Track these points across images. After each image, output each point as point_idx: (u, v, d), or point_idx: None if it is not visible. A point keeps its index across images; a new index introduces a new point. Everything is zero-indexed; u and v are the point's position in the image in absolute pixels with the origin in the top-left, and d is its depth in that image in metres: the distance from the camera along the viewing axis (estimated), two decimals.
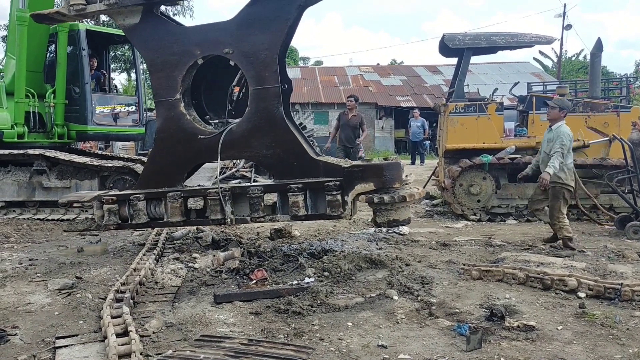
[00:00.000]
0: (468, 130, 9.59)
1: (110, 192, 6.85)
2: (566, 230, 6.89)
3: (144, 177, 6.70)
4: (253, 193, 6.14)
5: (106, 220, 6.54)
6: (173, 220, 6.40)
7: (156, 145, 6.67)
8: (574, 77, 34.06)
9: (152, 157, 6.74)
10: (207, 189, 6.34)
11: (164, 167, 6.51)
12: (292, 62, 47.26)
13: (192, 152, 6.45)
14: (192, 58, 6.31)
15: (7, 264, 6.41)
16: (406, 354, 3.81)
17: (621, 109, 9.82)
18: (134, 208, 6.44)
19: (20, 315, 4.64)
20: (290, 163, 6.22)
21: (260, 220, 6.35)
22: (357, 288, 5.25)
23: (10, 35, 10.69)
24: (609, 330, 4.21)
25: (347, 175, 5.95)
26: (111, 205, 6.49)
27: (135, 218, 6.49)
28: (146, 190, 6.49)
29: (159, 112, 6.58)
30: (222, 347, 3.77)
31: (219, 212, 6.25)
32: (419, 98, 30.83)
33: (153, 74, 6.52)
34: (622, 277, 5.52)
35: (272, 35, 6.16)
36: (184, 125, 6.39)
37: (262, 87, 6.22)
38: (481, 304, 4.82)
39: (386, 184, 5.86)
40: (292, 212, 6.05)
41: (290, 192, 5.99)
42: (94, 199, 6.65)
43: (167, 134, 6.52)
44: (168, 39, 6.38)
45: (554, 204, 6.96)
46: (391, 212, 5.91)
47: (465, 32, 10.37)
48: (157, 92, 6.52)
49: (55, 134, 10.29)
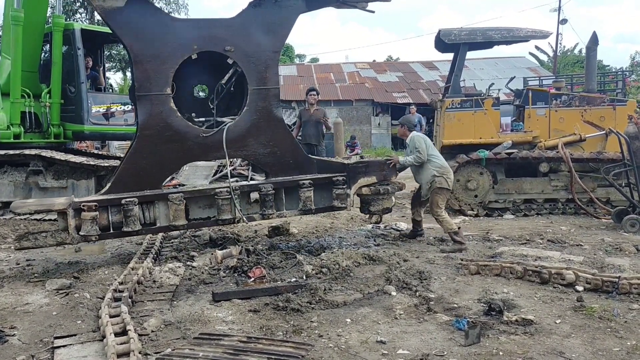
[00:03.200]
0: (465, 126, 9.59)
1: (89, 198, 5.97)
2: (448, 224, 6.93)
3: (119, 180, 5.99)
4: (265, 190, 6.25)
5: (87, 230, 5.63)
6: (177, 223, 6.02)
7: (138, 143, 6.11)
8: (569, 71, 34.06)
9: (132, 157, 6.09)
10: (216, 189, 6.21)
11: (146, 167, 6.06)
12: (288, 59, 47.15)
13: (182, 151, 6.23)
14: (188, 52, 6.16)
15: (4, 264, 6.40)
16: (405, 349, 3.81)
17: (617, 103, 9.83)
18: (128, 214, 5.78)
19: (18, 315, 4.63)
20: (287, 161, 6.57)
21: (270, 217, 6.47)
22: (356, 284, 5.26)
23: (4, 36, 10.64)
24: (607, 323, 4.22)
25: (351, 170, 6.62)
26: (93, 213, 5.64)
27: (127, 225, 5.81)
28: (140, 193, 5.94)
29: (142, 107, 6.09)
30: (221, 345, 3.77)
31: (229, 212, 6.19)
32: (416, 94, 30.80)
33: (138, 64, 6.02)
34: (619, 270, 5.54)
35: (276, 38, 6.55)
36: (174, 122, 6.14)
37: (263, 87, 6.48)
38: (479, 299, 4.83)
39: (386, 177, 6.78)
40: (304, 206, 6.42)
41: (303, 187, 6.36)
42: (68, 207, 5.63)
43: (153, 132, 6.10)
44: (160, 29, 6.08)
45: (432, 202, 7.08)
46: (384, 201, 6.77)
47: (461, 28, 10.35)
48: (142, 85, 6.05)
49: (51, 133, 10.24)
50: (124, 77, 32.86)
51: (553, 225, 8.29)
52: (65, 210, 5.59)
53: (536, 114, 9.75)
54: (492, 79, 21.87)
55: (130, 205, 5.77)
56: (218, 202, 6.13)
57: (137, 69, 6.04)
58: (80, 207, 5.61)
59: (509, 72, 25.11)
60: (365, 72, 35.29)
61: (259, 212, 6.37)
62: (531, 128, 9.73)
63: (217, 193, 6.13)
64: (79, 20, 28.65)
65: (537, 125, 9.73)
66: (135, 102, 6.23)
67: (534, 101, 9.80)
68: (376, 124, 31.12)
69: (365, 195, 6.69)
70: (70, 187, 9.62)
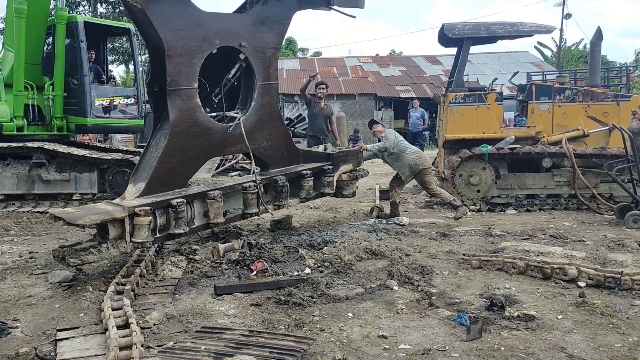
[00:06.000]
0: (468, 121, 9.57)
1: (140, 202, 5.37)
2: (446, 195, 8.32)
3: (154, 179, 5.64)
4: (281, 182, 6.55)
5: (144, 237, 5.19)
6: (216, 221, 5.85)
7: (170, 141, 5.77)
8: (573, 66, 33.89)
9: (164, 156, 5.74)
10: (243, 183, 6.29)
11: (176, 166, 5.85)
12: (291, 53, 47.05)
13: (205, 147, 6.18)
14: (211, 46, 6.10)
15: (7, 257, 6.42)
16: (406, 344, 3.82)
17: (621, 98, 9.79)
18: (179, 215, 5.48)
19: (21, 308, 4.65)
20: (282, 152, 7.04)
21: (281, 207, 6.82)
22: (358, 279, 5.27)
23: (7, 28, 10.63)
24: (609, 319, 4.22)
25: (335, 159, 7.42)
26: (149, 218, 5.23)
27: (178, 226, 5.51)
28: (184, 193, 5.72)
29: (174, 103, 5.82)
30: (223, 339, 3.78)
31: (255, 205, 6.30)
32: (419, 88, 30.70)
33: (171, 58, 5.74)
34: (622, 266, 5.53)
35: (277, 35, 6.85)
36: (200, 118, 6.04)
37: (267, 82, 6.74)
38: (481, 294, 4.83)
39: (360, 164, 7.89)
40: (307, 195, 6.99)
41: (306, 177, 6.92)
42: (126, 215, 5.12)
43: (184, 128, 5.89)
44: (190, 21, 5.88)
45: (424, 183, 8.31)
46: (353, 186, 7.83)
47: (464, 22, 10.31)
48: (174, 80, 5.79)
49: (54, 126, 10.24)
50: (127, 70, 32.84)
51: (555, 221, 8.27)
52: (124, 218, 5.13)
53: (539, 109, 9.72)
54: (495, 73, 21.76)
55: (181, 206, 5.49)
56: (247, 196, 6.23)
57: (169, 62, 5.74)
58: (135, 212, 5.16)
59: (513, 67, 25.02)
60: (368, 66, 35.18)
61: (272, 202, 6.67)
62: (534, 123, 9.70)
63: (245, 188, 6.23)
64: (82, 13, 28.62)
65: (541, 120, 9.70)
66: (152, 97, 6.08)
67: (538, 96, 9.77)
68: (379, 118, 31.05)
69: (342, 181, 7.56)
70: (73, 180, 9.65)
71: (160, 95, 5.92)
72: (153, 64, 6.06)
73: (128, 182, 5.84)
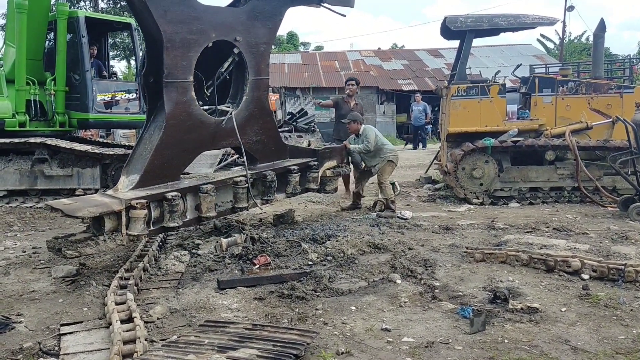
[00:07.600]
0: (470, 114, 9.53)
1: (136, 195, 5.33)
2: (389, 192, 8.33)
3: (148, 172, 5.63)
4: (270, 178, 6.57)
5: (139, 229, 5.18)
6: (208, 215, 5.89)
7: (165, 134, 5.77)
8: (576, 58, 33.81)
9: (159, 148, 5.74)
10: (234, 178, 6.30)
11: (170, 159, 5.85)
12: (293, 47, 46.96)
13: (198, 141, 6.21)
14: (207, 40, 6.12)
15: (10, 252, 6.44)
16: (410, 336, 3.82)
17: (624, 90, 9.74)
18: (174, 209, 5.48)
19: (24, 302, 4.66)
20: (270, 147, 7.10)
21: (269, 202, 6.85)
22: (361, 272, 5.26)
23: (9, 24, 10.62)
24: (613, 311, 4.21)
25: (320, 155, 7.47)
26: (145, 211, 5.21)
27: (172, 220, 5.49)
28: (178, 186, 5.73)
29: (169, 96, 5.80)
30: (227, 332, 3.78)
31: (245, 199, 6.34)
32: (421, 81, 30.65)
33: (169, 50, 5.72)
34: (625, 258, 5.52)
35: (270, 30, 6.89)
36: (194, 111, 6.07)
37: (259, 77, 6.80)
38: (484, 287, 4.82)
39: (343, 160, 7.99)
40: (294, 190, 7.04)
41: (293, 173, 6.96)
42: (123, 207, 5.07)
43: (178, 121, 5.90)
44: (189, 13, 5.86)
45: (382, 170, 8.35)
46: (336, 182, 7.85)
47: (467, 14, 10.25)
48: (171, 72, 5.78)
49: (56, 122, 10.25)
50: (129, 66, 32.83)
51: (559, 214, 8.26)
52: (121, 210, 5.06)
53: (542, 101, 9.68)
54: (498, 66, 21.69)
55: (176, 199, 5.49)
56: (238, 190, 6.26)
57: (167, 55, 5.71)
58: (132, 205, 5.12)
59: (516, 60, 24.96)
60: (370, 60, 35.12)
61: (261, 197, 6.69)
62: (537, 116, 9.66)
63: (236, 182, 6.24)
64: (83, 8, 28.59)
65: (544, 113, 9.66)
66: (147, 88, 6.02)
67: (540, 89, 9.72)
68: (381, 112, 31.01)
69: (325, 177, 7.60)
70: (75, 176, 9.65)
71: (155, 86, 5.91)
72: (149, 56, 6.00)
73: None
